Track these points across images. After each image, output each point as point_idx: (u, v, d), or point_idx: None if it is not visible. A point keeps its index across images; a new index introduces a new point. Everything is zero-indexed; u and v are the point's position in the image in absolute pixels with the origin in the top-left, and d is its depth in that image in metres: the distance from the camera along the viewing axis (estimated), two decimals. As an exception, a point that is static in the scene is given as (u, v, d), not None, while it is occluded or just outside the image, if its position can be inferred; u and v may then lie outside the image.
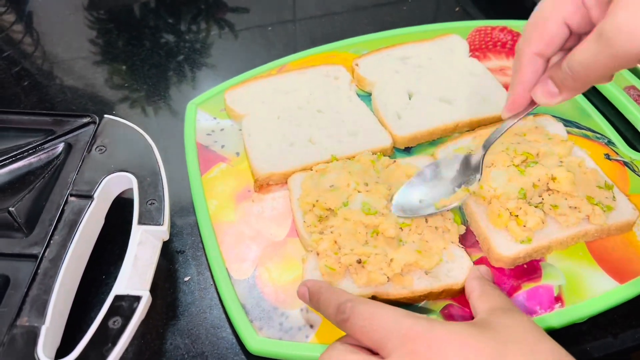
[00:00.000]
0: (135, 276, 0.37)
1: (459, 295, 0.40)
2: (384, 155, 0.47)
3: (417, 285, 0.40)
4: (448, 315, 0.40)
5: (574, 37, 0.35)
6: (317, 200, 0.42)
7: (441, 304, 0.40)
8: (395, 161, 0.47)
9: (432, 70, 0.55)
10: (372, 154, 0.46)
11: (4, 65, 0.66)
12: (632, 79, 0.56)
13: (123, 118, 0.47)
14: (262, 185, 0.47)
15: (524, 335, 0.32)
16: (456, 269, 0.40)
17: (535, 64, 0.36)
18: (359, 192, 0.43)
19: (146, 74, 0.64)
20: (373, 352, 0.32)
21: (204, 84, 0.63)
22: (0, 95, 0.61)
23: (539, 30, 0.35)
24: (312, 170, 0.46)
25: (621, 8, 0.30)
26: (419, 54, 0.57)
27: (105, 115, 0.46)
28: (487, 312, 0.35)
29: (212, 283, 0.43)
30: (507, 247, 0.41)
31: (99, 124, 0.45)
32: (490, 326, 0.33)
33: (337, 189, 0.43)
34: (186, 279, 0.43)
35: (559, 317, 0.39)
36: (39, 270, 0.37)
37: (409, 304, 0.40)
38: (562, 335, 0.37)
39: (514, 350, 0.31)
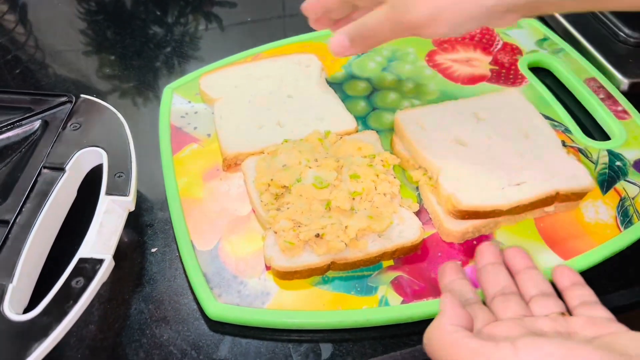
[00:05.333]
0: (99, 241, 0.39)
1: (411, 253, 0.43)
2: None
3: (372, 247, 0.42)
4: (398, 286, 0.42)
5: None
6: (271, 180, 0.44)
7: (391, 275, 0.42)
8: (342, 137, 0.49)
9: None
10: (320, 132, 0.49)
11: (-4, 53, 0.69)
12: (592, 72, 0.58)
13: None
14: (230, 165, 0.50)
15: None
16: (407, 229, 0.43)
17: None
18: (310, 168, 0.45)
19: (133, 64, 0.66)
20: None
21: (188, 73, 0.65)
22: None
23: None
24: (263, 153, 0.48)
25: None
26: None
27: (82, 95, 0.49)
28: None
29: (177, 255, 0.45)
30: (456, 222, 0.43)
31: (75, 103, 0.48)
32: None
33: (289, 168, 0.45)
34: (153, 250, 0.46)
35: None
36: (9, 235, 0.39)
37: (365, 266, 0.43)
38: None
39: None
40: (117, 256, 0.40)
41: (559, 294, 0.37)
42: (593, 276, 0.43)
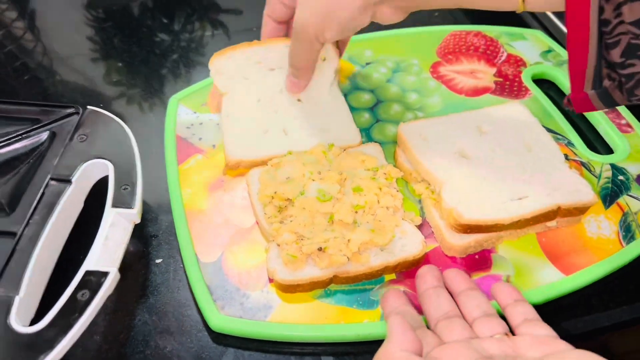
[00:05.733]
0: (105, 254, 0.40)
1: (413, 267, 0.43)
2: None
3: (374, 261, 0.42)
4: (399, 300, 0.42)
5: None
6: (275, 192, 0.45)
7: (393, 288, 0.43)
8: (345, 150, 0.50)
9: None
10: (324, 145, 0.49)
11: (4, 60, 0.69)
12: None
13: (113, 113, 0.50)
14: (231, 169, 0.50)
15: None
16: (409, 243, 0.44)
17: (268, 24, 0.51)
18: (313, 180, 0.45)
19: (140, 71, 0.67)
20: None
21: (195, 81, 0.66)
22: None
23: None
24: (267, 165, 0.48)
25: (297, 9, 0.43)
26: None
27: (89, 107, 0.49)
28: None
29: (181, 265, 0.46)
30: (459, 237, 0.44)
31: (82, 115, 0.49)
32: None
33: (293, 180, 0.46)
34: (158, 261, 0.46)
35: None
36: (17, 247, 0.40)
37: (367, 280, 0.43)
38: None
39: None
40: (121, 267, 0.40)
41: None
42: (594, 292, 0.44)
